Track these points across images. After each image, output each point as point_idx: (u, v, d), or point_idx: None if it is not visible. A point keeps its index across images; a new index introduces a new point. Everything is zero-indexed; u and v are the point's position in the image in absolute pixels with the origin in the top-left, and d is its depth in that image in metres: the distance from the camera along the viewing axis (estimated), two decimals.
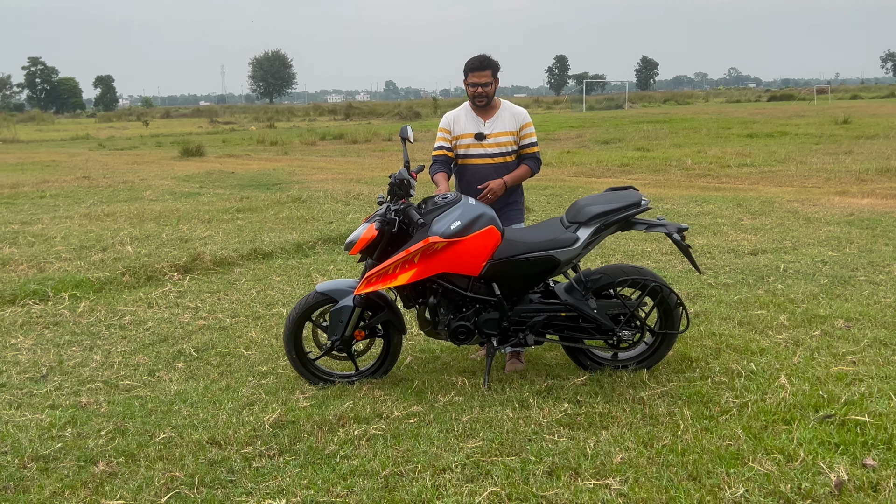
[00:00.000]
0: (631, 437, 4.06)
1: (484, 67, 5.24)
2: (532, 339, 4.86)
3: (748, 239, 9.07)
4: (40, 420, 4.50)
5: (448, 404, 4.57)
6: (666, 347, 5.04)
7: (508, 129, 5.34)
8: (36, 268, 8.30)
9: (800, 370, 4.91)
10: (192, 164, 21.80)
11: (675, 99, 72.87)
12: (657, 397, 4.58)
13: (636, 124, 32.44)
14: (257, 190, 15.08)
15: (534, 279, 4.81)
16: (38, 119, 67.06)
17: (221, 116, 61.60)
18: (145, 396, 4.88)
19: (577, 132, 29.93)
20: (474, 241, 4.63)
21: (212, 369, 5.38)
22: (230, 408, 4.61)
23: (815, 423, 4.14)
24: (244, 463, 3.93)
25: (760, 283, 7.08)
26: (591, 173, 16.82)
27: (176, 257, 8.56)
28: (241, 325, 6.40)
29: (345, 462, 3.90)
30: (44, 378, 5.29)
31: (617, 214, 4.72)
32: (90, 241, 9.68)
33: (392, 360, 5.06)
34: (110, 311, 6.89)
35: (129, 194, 14.86)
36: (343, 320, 4.83)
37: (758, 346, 5.38)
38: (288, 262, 8.61)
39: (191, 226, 10.83)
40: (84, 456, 4.02)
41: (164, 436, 4.23)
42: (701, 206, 11.53)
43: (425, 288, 4.84)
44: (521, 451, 3.96)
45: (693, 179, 15.15)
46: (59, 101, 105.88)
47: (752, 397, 4.49)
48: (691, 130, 27.45)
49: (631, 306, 4.82)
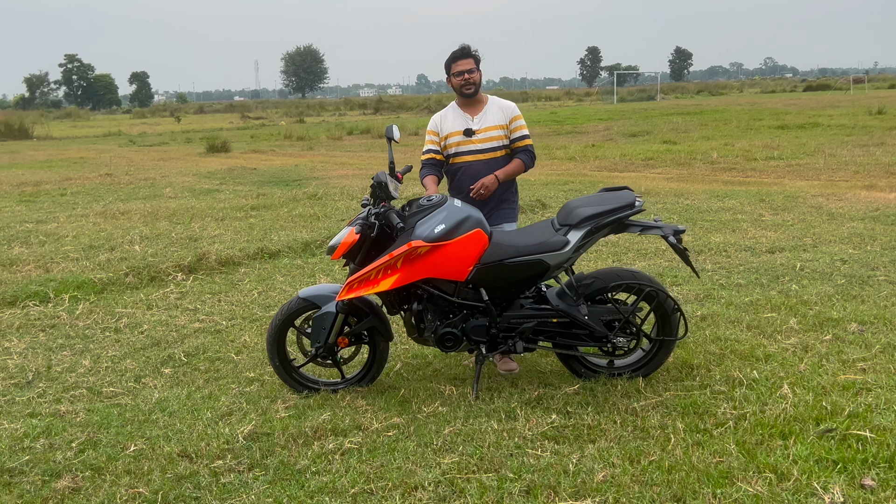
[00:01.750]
0: (617, 452, 3.86)
1: (466, 56, 5.16)
2: (522, 346, 4.66)
3: (767, 236, 8.77)
4: (15, 430, 4.40)
5: (431, 415, 4.39)
6: (664, 354, 4.81)
7: (497, 122, 5.22)
8: (42, 268, 8.26)
9: (805, 378, 4.66)
10: (216, 160, 21.81)
11: (709, 90, 71.83)
12: (651, 408, 4.36)
13: (666, 116, 31.96)
14: (276, 186, 14.99)
15: (523, 284, 4.62)
16: (74, 115, 67.94)
17: (253, 112, 61.88)
18: (125, 405, 4.77)
19: (606, 125, 29.53)
20: (460, 244, 4.44)
21: (198, 375, 5.26)
22: (207, 418, 4.48)
23: (815, 437, 3.90)
24: (212, 478, 3.79)
25: (774, 283, 6.80)
26: (614, 167, 16.51)
27: (181, 257, 8.47)
28: (237, 328, 6.28)
29: (315, 478, 3.74)
30: (29, 384, 5.20)
31: (609, 216, 4.50)
32: (100, 240, 9.64)
33: (378, 368, 4.90)
34: (108, 313, 6.81)
35: (149, 191, 14.85)
36: (326, 327, 4.68)
37: (764, 352, 5.14)
38: (294, 262, 8.48)
39: (203, 224, 10.76)
40: (50, 470, 3.90)
41: (135, 448, 4.11)
42: (722, 202, 11.22)
43: (410, 294, 4.67)
44: (501, 467, 3.78)
45: (718, 173, 14.79)
46: (96, 98, 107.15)
47: (750, 409, 4.26)
48: (721, 122, 26.95)
49: (625, 312, 4.60)
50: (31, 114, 58.58)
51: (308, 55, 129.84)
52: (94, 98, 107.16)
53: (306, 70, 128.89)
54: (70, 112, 71.89)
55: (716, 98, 56.23)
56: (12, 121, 39.10)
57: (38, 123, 44.92)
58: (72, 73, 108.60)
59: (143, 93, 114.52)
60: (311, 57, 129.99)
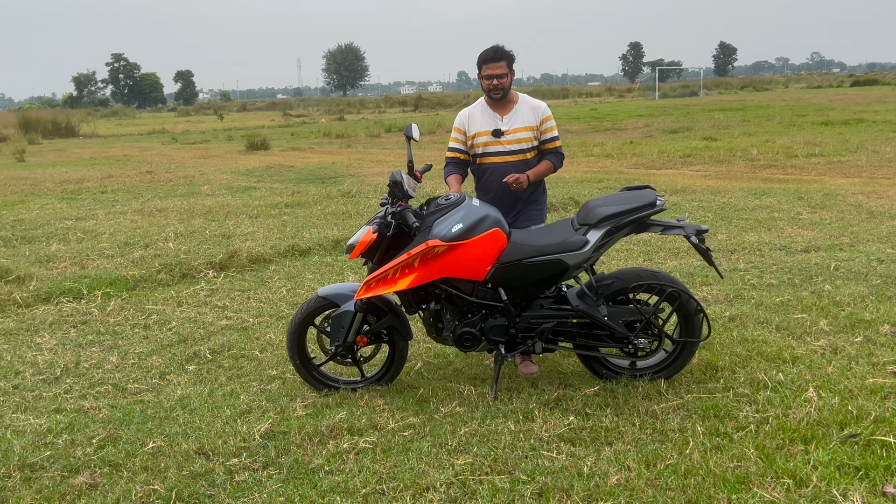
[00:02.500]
0: (634, 455, 3.80)
1: (498, 58, 4.99)
2: (541, 347, 4.62)
3: (803, 235, 8.60)
4: (39, 425, 4.47)
5: (448, 415, 4.37)
6: (687, 356, 4.73)
7: (527, 124, 5.08)
8: (78, 265, 8.40)
9: (832, 381, 4.55)
10: (255, 157, 22.00)
11: (753, 85, 70.65)
12: (671, 410, 4.29)
13: (708, 112, 31.53)
14: (312, 184, 15.08)
15: (542, 284, 4.57)
16: (121, 114, 69.09)
17: (295, 109, 62.37)
18: (148, 401, 4.82)
19: (646, 121, 29.22)
20: (478, 244, 4.41)
21: (222, 373, 5.30)
22: (227, 415, 4.51)
23: (838, 442, 3.80)
24: (227, 476, 3.81)
25: (807, 283, 6.66)
26: (651, 165, 16.33)
27: (213, 254, 8.55)
28: (263, 325, 6.32)
29: (328, 478, 3.75)
30: (56, 380, 5.29)
31: (629, 216, 4.44)
32: (136, 237, 9.77)
33: (398, 367, 4.89)
34: (138, 309, 6.90)
35: (187, 189, 15.02)
36: (344, 326, 4.68)
37: (791, 354, 5.03)
38: (324, 260, 8.51)
39: (237, 221, 10.85)
40: (70, 465, 3.96)
41: (153, 445, 4.15)
42: (759, 200, 11.03)
43: (428, 293, 4.65)
44: (514, 469, 3.75)
45: (757, 171, 14.55)
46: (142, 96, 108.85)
47: (773, 412, 4.17)
48: (764, 118, 26.50)
49: (646, 313, 4.53)
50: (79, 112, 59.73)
51: (349, 53, 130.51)
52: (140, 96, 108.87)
53: (347, 68, 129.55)
54: (116, 110, 73.15)
55: (760, 94, 55.34)
56: (59, 119, 39.83)
57: (85, 122, 45.77)
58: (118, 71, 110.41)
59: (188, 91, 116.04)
60: (352, 55, 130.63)
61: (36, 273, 7.89)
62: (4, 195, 14.48)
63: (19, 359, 5.70)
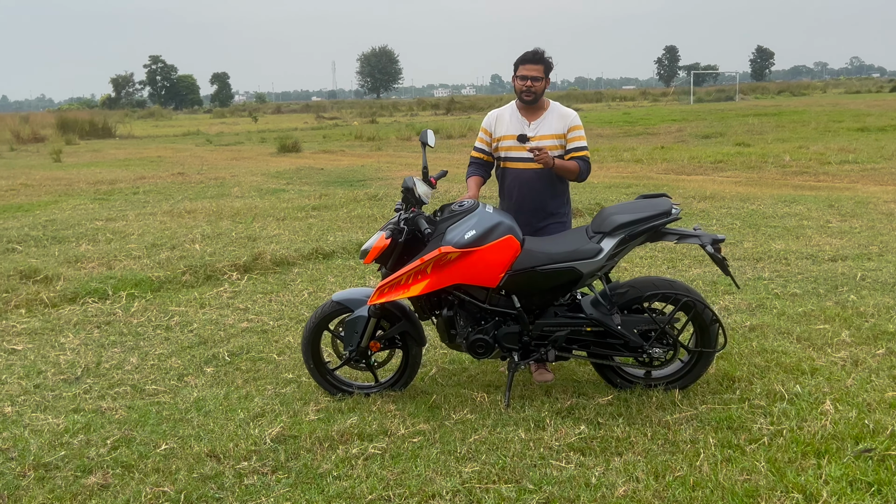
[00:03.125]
0: (643, 466, 3.77)
1: (537, 61, 4.95)
2: (554, 355, 4.60)
3: (831, 243, 8.48)
4: (56, 425, 4.54)
5: (459, 422, 4.37)
6: (703, 366, 4.69)
7: (554, 132, 5.01)
8: (105, 266, 8.52)
9: (850, 394, 4.49)
10: (286, 159, 22.15)
11: (791, 90, 69.81)
12: (684, 421, 4.26)
13: (742, 117, 31.22)
14: (340, 187, 15.14)
15: (555, 292, 4.55)
16: (157, 115, 69.85)
17: (328, 112, 62.65)
18: (164, 403, 4.88)
19: (679, 126, 28.98)
20: (490, 251, 4.40)
21: (238, 375, 5.34)
22: (240, 418, 4.55)
23: (852, 457, 3.74)
24: (236, 479, 3.84)
25: (832, 293, 6.57)
26: (681, 170, 16.19)
27: (237, 256, 8.62)
28: (283, 328, 6.36)
29: (335, 483, 3.76)
30: (77, 380, 5.36)
31: (644, 224, 4.41)
32: (163, 238, 9.88)
33: (412, 372, 4.89)
34: (161, 311, 6.98)
35: (217, 191, 15.16)
36: (358, 331, 4.70)
37: (811, 366, 4.96)
38: (347, 263, 8.55)
39: (264, 223, 10.94)
40: (83, 466, 4.02)
41: (166, 446, 4.20)
42: (789, 207, 10.89)
43: (441, 299, 4.65)
44: (522, 477, 3.73)
45: (788, 177, 14.37)
46: (178, 98, 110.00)
47: (787, 424, 4.12)
48: (799, 124, 26.19)
49: (661, 322, 4.50)
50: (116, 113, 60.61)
51: (383, 56, 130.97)
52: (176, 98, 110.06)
53: (381, 70, 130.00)
54: (153, 112, 73.97)
55: (797, 99, 54.67)
56: (97, 120, 40.42)
57: (122, 123, 46.38)
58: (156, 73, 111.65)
59: (224, 93, 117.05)
60: (386, 58, 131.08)
61: (64, 273, 8.01)
62: (39, 195, 14.73)
63: (42, 358, 5.79)
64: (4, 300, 7.19)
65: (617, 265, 7.70)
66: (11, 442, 4.34)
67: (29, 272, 7.92)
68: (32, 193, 15.01)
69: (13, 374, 5.47)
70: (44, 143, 31.44)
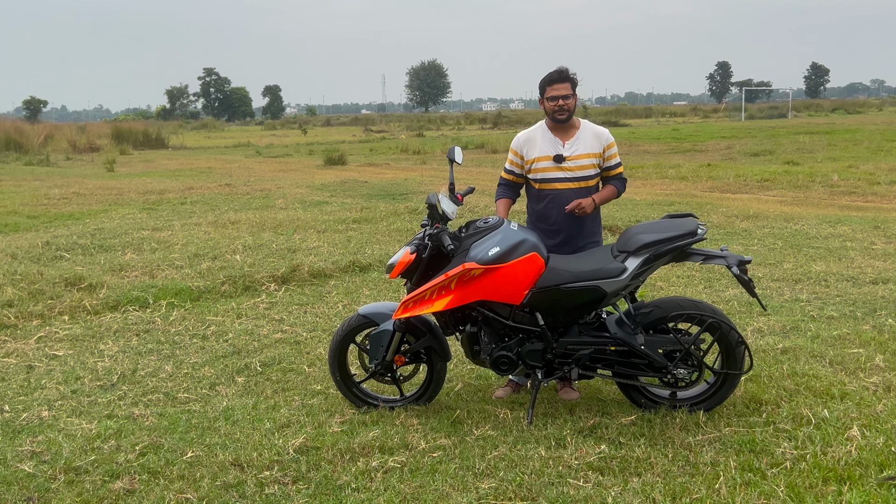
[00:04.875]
0: (661, 488, 3.76)
1: (563, 79, 4.96)
2: (577, 373, 4.61)
3: (874, 266, 8.33)
4: (89, 430, 4.67)
5: (480, 438, 4.40)
6: (729, 389, 4.65)
7: (591, 150, 5.01)
8: (148, 274, 8.71)
9: (880, 420, 4.42)
10: (331, 172, 22.40)
11: (845, 108, 68.53)
12: (707, 443, 4.23)
13: (793, 135, 30.79)
14: (382, 200, 15.27)
15: (579, 310, 4.56)
16: (210, 126, 71.19)
17: (376, 125, 63.18)
18: (194, 411, 4.98)
19: (728, 143, 28.70)
20: (514, 268, 4.43)
21: (268, 385, 5.43)
22: (266, 428, 4.63)
23: (875, 485, 3.69)
24: (257, 488, 3.92)
25: (869, 316, 6.45)
26: (727, 188, 16.02)
27: (276, 268, 8.75)
28: (315, 340, 6.45)
29: (353, 495, 3.82)
30: (112, 386, 5.50)
31: (669, 244, 4.40)
32: (206, 248, 10.06)
33: (436, 387, 4.94)
34: (199, 320, 7.12)
35: (263, 202, 15.39)
36: (383, 344, 4.76)
37: (841, 391, 4.89)
38: (382, 277, 8.63)
39: (304, 236, 11.08)
40: (111, 471, 4.12)
41: (192, 454, 4.29)
42: (833, 228, 10.71)
43: (465, 315, 4.69)
44: (538, 495, 3.75)
45: (836, 197, 14.14)
46: (231, 110, 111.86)
47: (812, 449, 4.07)
48: (851, 143, 25.72)
49: (685, 343, 4.48)
50: (170, 124, 61.86)
51: (432, 70, 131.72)
52: (229, 110, 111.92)
53: (430, 84, 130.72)
54: (206, 123, 75.43)
55: (851, 117, 53.65)
56: (150, 131, 41.37)
57: (175, 134, 47.36)
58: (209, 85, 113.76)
59: (275, 105, 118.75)
60: (434, 71, 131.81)
61: (107, 281, 8.21)
62: (90, 204, 15.10)
63: (81, 364, 5.95)
64: (49, 307, 7.41)
65: (652, 284, 7.70)
66: (45, 445, 4.47)
67: (74, 280, 8.14)
68: (84, 202, 15.40)
69: (52, 379, 5.64)
70: (98, 153, 32.25)
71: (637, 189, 16.03)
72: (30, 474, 4.11)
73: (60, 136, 38.88)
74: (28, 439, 4.56)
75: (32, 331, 6.79)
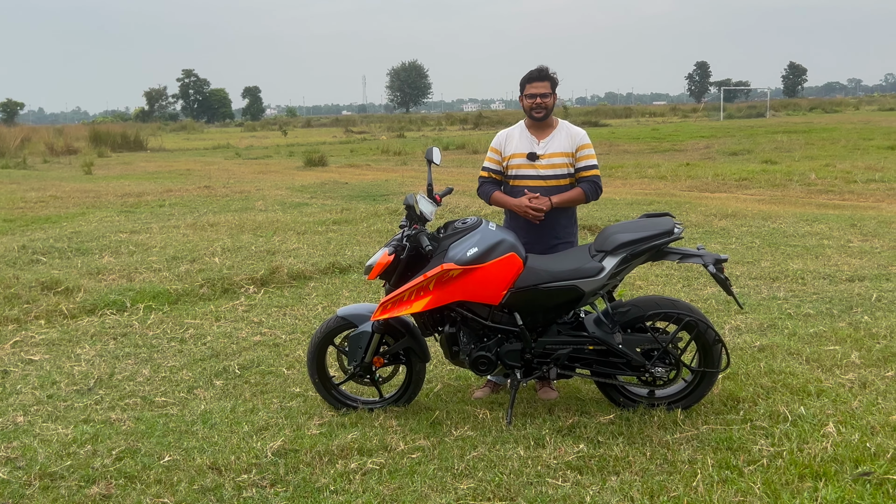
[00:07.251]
0: (639, 486, 3.78)
1: (543, 78, 5.00)
2: (556, 373, 4.62)
3: (850, 263, 8.40)
4: (65, 435, 4.63)
5: (459, 438, 4.39)
6: (706, 387, 4.67)
7: (563, 149, 5.02)
8: (125, 278, 8.64)
9: (855, 417, 4.45)
10: (311, 173, 22.34)
11: (823, 107, 69.09)
12: (684, 441, 4.25)
13: (771, 134, 31.00)
14: (362, 201, 15.24)
15: (557, 310, 4.58)
16: (189, 128, 70.71)
17: (357, 126, 63.05)
18: (172, 415, 4.95)
19: (707, 142, 28.86)
20: (493, 268, 4.44)
21: (247, 388, 5.41)
22: (244, 431, 4.60)
23: (850, 480, 3.72)
24: (235, 492, 3.90)
25: (845, 314, 6.51)
26: (705, 188, 16.11)
27: (255, 270, 8.71)
28: (294, 342, 6.42)
29: (332, 497, 3.80)
30: (89, 391, 5.45)
31: (646, 243, 4.42)
32: (185, 251, 10.00)
33: (416, 388, 4.93)
34: (177, 323, 7.07)
35: (242, 204, 15.31)
36: (362, 346, 4.75)
37: (817, 387, 4.93)
38: (362, 278, 8.61)
39: (284, 237, 11.04)
40: (87, 476, 4.09)
41: (169, 458, 4.26)
42: (810, 226, 10.80)
43: (444, 316, 4.69)
44: (517, 495, 3.75)
45: (813, 196, 14.26)
46: (211, 112, 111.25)
47: (788, 446, 4.10)
48: (829, 142, 25.93)
49: (663, 341, 4.50)
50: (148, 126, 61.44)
51: (413, 70, 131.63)
52: (209, 111, 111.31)
53: (410, 85, 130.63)
54: (185, 125, 74.86)
55: (828, 115, 54.07)
56: (129, 133, 41.04)
57: (154, 136, 46.99)
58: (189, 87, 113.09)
59: (255, 107, 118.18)
60: (415, 72, 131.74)
61: (84, 285, 8.14)
62: (67, 207, 14.98)
63: (57, 369, 5.90)
64: (25, 311, 7.33)
65: (630, 283, 7.74)
66: (20, 451, 4.43)
67: (51, 283, 8.07)
68: (61, 205, 15.28)
69: (28, 384, 5.58)
70: (76, 156, 31.99)
71: (616, 188, 16.10)
72: (4, 480, 4.06)
73: (37, 139, 38.53)
74: (2, 445, 4.50)
75: (8, 335, 6.72)
